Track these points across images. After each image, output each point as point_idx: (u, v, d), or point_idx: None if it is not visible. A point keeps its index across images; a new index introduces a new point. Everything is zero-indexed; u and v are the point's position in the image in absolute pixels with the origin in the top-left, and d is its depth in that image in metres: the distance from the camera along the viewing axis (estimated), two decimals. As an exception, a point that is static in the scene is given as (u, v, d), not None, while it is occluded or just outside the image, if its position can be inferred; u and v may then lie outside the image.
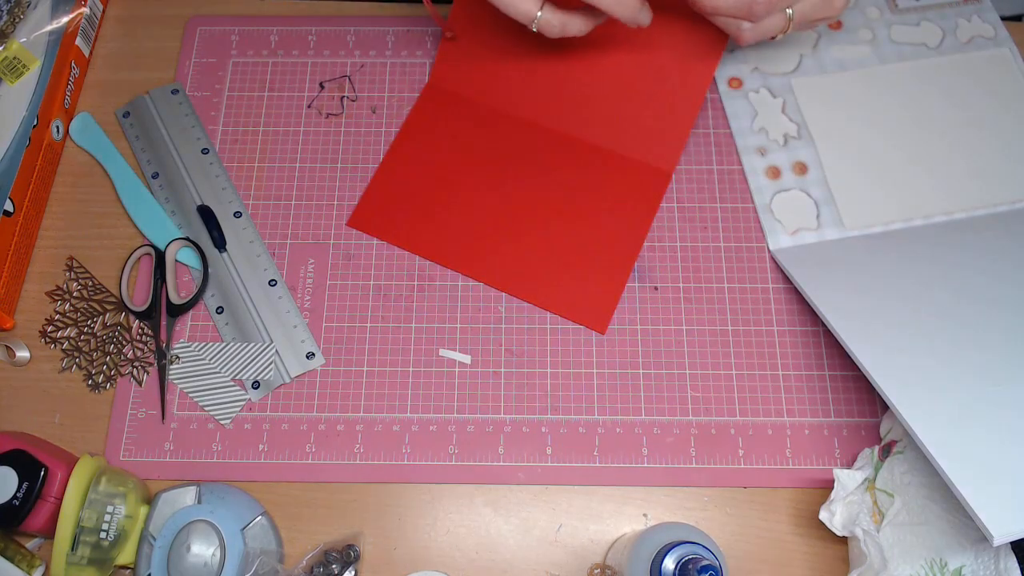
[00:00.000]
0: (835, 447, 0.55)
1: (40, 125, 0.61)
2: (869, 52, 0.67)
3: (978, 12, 0.68)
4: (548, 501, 0.55)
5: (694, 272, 0.60)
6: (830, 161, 0.63)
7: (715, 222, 0.62)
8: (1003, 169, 0.63)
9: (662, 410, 0.56)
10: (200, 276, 0.60)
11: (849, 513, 0.51)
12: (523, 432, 0.56)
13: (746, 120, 0.65)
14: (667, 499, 0.55)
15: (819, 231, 0.61)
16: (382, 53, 0.68)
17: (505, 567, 0.53)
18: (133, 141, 0.64)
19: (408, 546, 0.53)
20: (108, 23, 0.69)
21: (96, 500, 0.50)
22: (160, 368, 0.57)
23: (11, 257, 0.58)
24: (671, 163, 0.62)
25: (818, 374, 0.57)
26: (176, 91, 0.66)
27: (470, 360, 0.58)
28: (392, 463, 0.55)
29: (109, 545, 0.50)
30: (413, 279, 0.60)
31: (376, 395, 0.57)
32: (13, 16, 0.62)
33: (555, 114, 0.64)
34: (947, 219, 0.61)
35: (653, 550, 0.42)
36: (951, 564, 0.47)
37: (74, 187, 0.64)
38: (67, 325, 0.59)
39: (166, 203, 0.62)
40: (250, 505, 0.53)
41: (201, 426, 0.56)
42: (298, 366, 0.57)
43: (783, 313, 0.59)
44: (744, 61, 0.67)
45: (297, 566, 0.51)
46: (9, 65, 0.61)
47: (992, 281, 0.55)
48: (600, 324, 0.58)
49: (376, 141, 0.64)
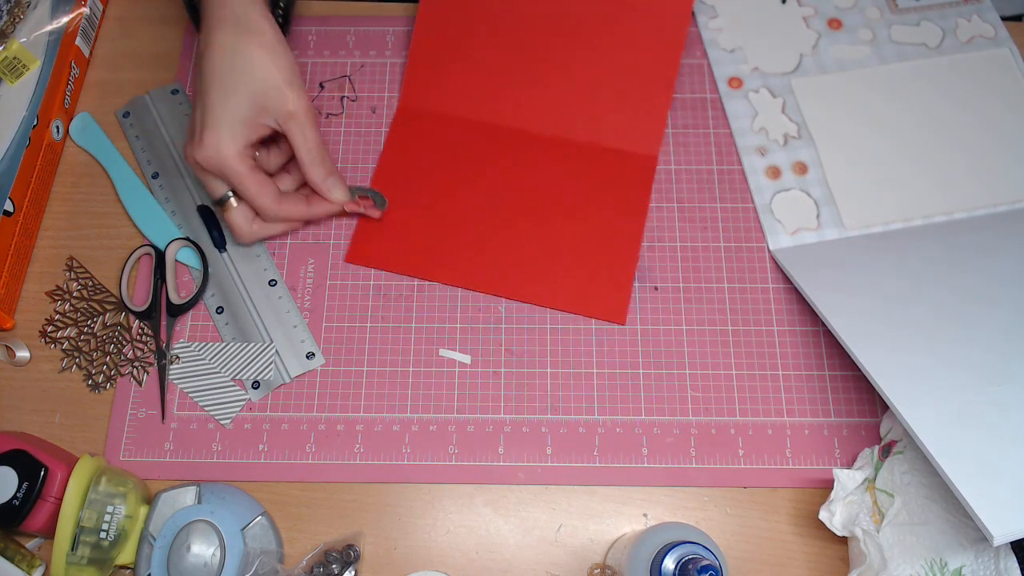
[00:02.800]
0: (835, 447, 0.55)
1: (40, 125, 0.61)
2: (869, 52, 0.67)
3: (978, 12, 0.68)
4: (548, 501, 0.55)
5: (694, 272, 0.60)
6: (830, 161, 0.63)
7: (715, 222, 0.62)
8: (1003, 169, 0.63)
9: (662, 410, 0.56)
10: (200, 276, 0.59)
11: (849, 513, 0.51)
12: (523, 432, 0.56)
13: (746, 120, 0.65)
14: (667, 499, 0.55)
15: (819, 231, 0.61)
16: (382, 53, 0.68)
17: (505, 567, 0.53)
18: (133, 141, 0.64)
19: (408, 546, 0.53)
20: (108, 23, 0.69)
21: (96, 500, 0.50)
22: (160, 368, 0.57)
23: (11, 257, 0.58)
24: (654, 147, 0.63)
25: (818, 374, 0.57)
26: (176, 91, 0.66)
27: (470, 360, 0.58)
28: (392, 463, 0.55)
29: (109, 545, 0.50)
30: (413, 279, 0.60)
31: (376, 395, 0.57)
32: (13, 16, 0.62)
33: (531, 117, 0.64)
34: (947, 219, 0.61)
35: (653, 550, 0.42)
36: (951, 564, 0.47)
37: (74, 187, 0.64)
38: (67, 325, 0.59)
39: (166, 203, 0.62)
40: (250, 505, 0.53)
41: (201, 426, 0.56)
42: (298, 366, 0.57)
43: (783, 313, 0.59)
44: (744, 61, 0.67)
45: (297, 566, 0.51)
46: (9, 65, 0.61)
47: (992, 281, 0.55)
48: (618, 315, 0.59)
49: (376, 141, 0.64)
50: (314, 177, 0.56)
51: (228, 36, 0.51)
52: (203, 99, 0.52)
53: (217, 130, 0.51)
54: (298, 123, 0.53)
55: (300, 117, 0.53)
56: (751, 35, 0.68)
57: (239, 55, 0.51)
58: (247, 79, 0.51)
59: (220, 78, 0.51)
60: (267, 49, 0.52)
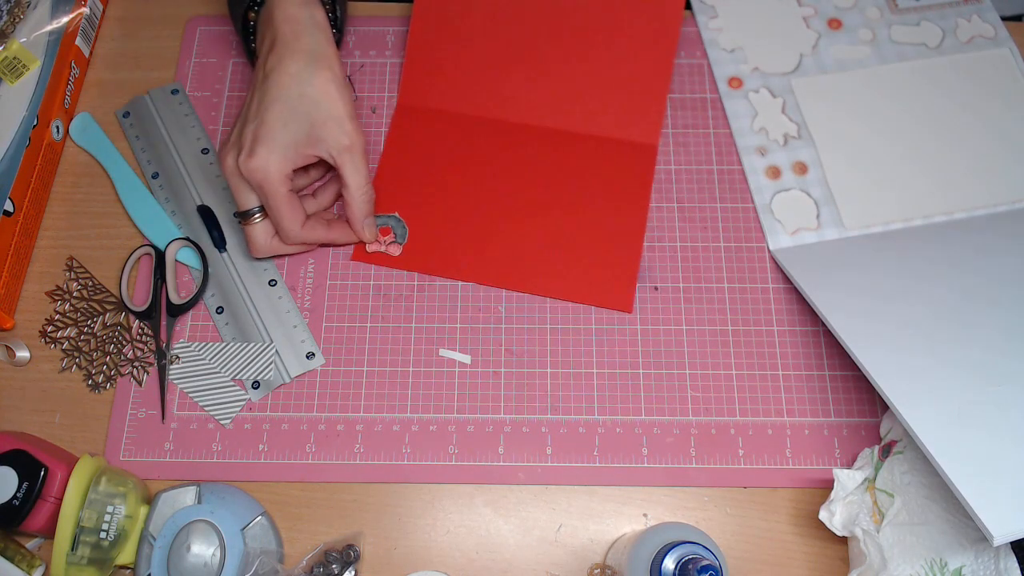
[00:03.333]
0: (835, 447, 0.55)
1: (40, 125, 0.61)
2: (869, 52, 0.67)
3: (978, 12, 0.68)
4: (548, 501, 0.55)
5: (694, 272, 0.60)
6: (830, 161, 0.63)
7: (715, 222, 0.62)
8: (1003, 169, 0.63)
9: (662, 410, 0.56)
10: (200, 276, 0.60)
11: (849, 513, 0.51)
12: (523, 432, 0.56)
13: (746, 120, 0.65)
14: (667, 499, 0.55)
15: (819, 231, 0.61)
16: (382, 53, 0.68)
17: (505, 567, 0.53)
18: (133, 141, 0.64)
19: (408, 546, 0.53)
20: (108, 23, 0.69)
21: (96, 500, 0.50)
22: (160, 368, 0.57)
23: (11, 257, 0.58)
24: (653, 136, 0.63)
25: (818, 374, 0.57)
26: (176, 91, 0.66)
27: (470, 360, 0.58)
28: (392, 463, 0.55)
29: (109, 545, 0.50)
30: (413, 279, 0.60)
31: (376, 395, 0.57)
32: (13, 16, 0.62)
33: (530, 110, 0.64)
34: (947, 219, 0.61)
35: (653, 550, 0.42)
36: (951, 564, 0.47)
37: (74, 187, 0.64)
38: (67, 325, 0.59)
39: (166, 203, 0.62)
40: (250, 505, 0.53)
41: (201, 426, 0.56)
42: (298, 366, 0.57)
43: (783, 313, 0.59)
44: (744, 61, 0.67)
45: (297, 566, 0.51)
46: (9, 65, 0.61)
47: (992, 281, 0.55)
48: (624, 303, 0.59)
49: (376, 141, 0.64)
50: (356, 213, 0.58)
51: (301, 66, 0.54)
52: (261, 115, 0.53)
53: (270, 148, 0.53)
54: (353, 158, 0.55)
55: (356, 152, 0.55)
56: (751, 35, 0.68)
57: (308, 85, 0.53)
58: (312, 107, 0.53)
59: (285, 101, 0.53)
60: (336, 84, 0.54)
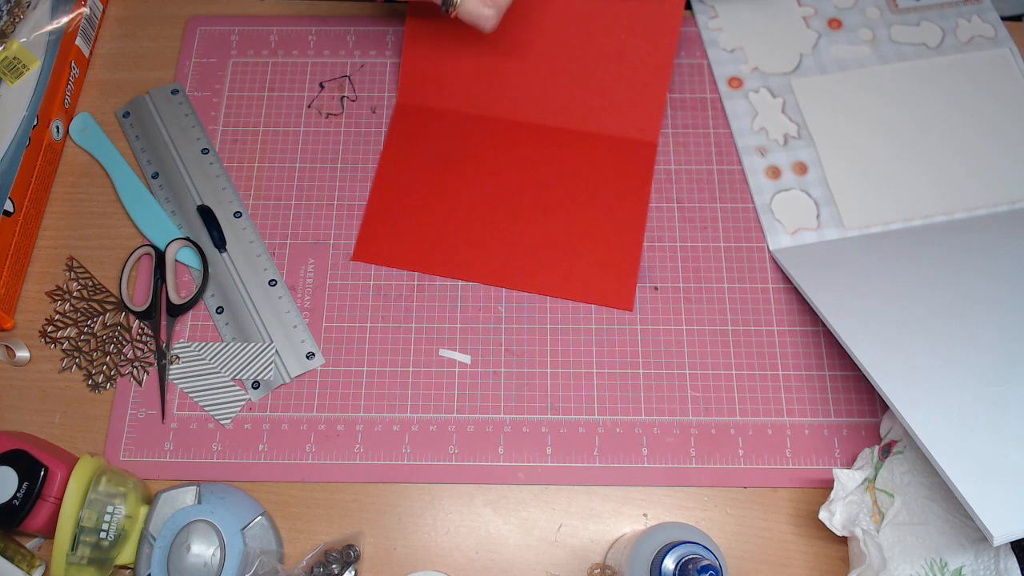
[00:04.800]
0: (835, 447, 0.55)
1: (40, 125, 0.61)
2: (869, 52, 0.67)
3: (978, 12, 0.68)
4: (548, 501, 0.55)
5: (694, 272, 0.60)
6: (830, 161, 0.63)
7: (715, 222, 0.62)
8: (1003, 169, 0.63)
9: (662, 410, 0.56)
10: (200, 276, 0.60)
11: (849, 513, 0.51)
12: (523, 432, 0.56)
13: (746, 120, 0.65)
14: (667, 499, 0.55)
15: (819, 231, 0.61)
16: (382, 53, 0.68)
17: (505, 567, 0.53)
18: (133, 141, 0.64)
19: (408, 546, 0.53)
20: (108, 23, 0.69)
21: (96, 500, 0.50)
22: (160, 368, 0.57)
23: (11, 257, 0.58)
24: (653, 133, 0.63)
25: (818, 374, 0.57)
26: (176, 91, 0.66)
27: (470, 360, 0.58)
28: (392, 463, 0.55)
29: (109, 545, 0.50)
30: (413, 279, 0.60)
31: (376, 395, 0.57)
32: (13, 16, 0.62)
33: (529, 108, 0.64)
34: (947, 219, 0.61)
35: (653, 550, 0.42)
36: (951, 564, 0.47)
37: (74, 187, 0.64)
38: (67, 325, 0.59)
39: (166, 203, 0.62)
40: (250, 505, 0.53)
41: (201, 426, 0.56)
42: (298, 366, 0.57)
43: (783, 313, 0.59)
44: (744, 61, 0.67)
45: (297, 566, 0.51)
46: (9, 65, 0.61)
47: (992, 281, 0.55)
48: (625, 302, 0.59)
49: (376, 141, 0.64)
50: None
51: None
52: None
53: None
54: None
55: None
56: (751, 35, 0.68)
57: None
58: None
59: None
60: None
